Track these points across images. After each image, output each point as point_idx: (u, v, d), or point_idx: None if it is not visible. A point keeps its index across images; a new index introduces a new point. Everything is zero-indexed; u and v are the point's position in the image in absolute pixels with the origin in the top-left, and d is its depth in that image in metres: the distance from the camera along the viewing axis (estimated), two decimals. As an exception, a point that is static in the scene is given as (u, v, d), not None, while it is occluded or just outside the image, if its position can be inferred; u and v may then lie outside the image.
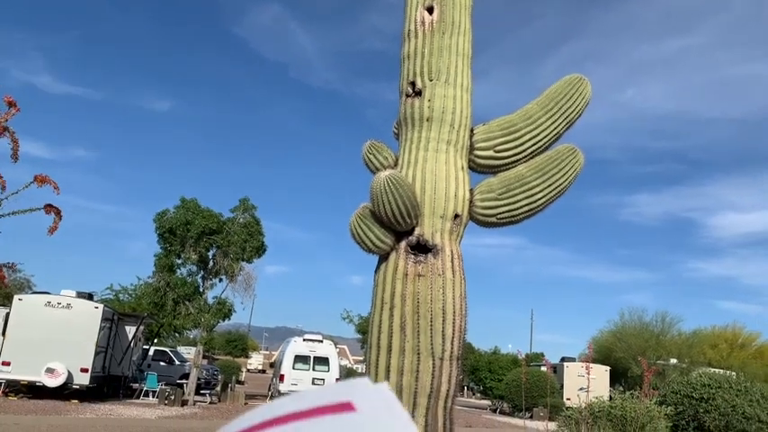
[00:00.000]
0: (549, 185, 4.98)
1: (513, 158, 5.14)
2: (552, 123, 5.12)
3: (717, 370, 21.89)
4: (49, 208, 4.22)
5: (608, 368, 34.21)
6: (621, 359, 39.27)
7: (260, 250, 24.66)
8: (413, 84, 5.18)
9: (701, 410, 10.43)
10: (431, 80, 5.11)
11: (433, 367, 4.51)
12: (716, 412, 10.28)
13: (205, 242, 23.22)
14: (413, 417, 4.47)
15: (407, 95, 5.21)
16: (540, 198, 4.98)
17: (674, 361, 36.28)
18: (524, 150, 5.13)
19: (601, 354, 40.78)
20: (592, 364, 29.66)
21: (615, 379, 35.32)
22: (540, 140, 5.14)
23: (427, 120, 5.05)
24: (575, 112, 5.20)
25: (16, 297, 20.41)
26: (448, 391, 4.61)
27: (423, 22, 5.22)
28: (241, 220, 24.20)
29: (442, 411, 4.59)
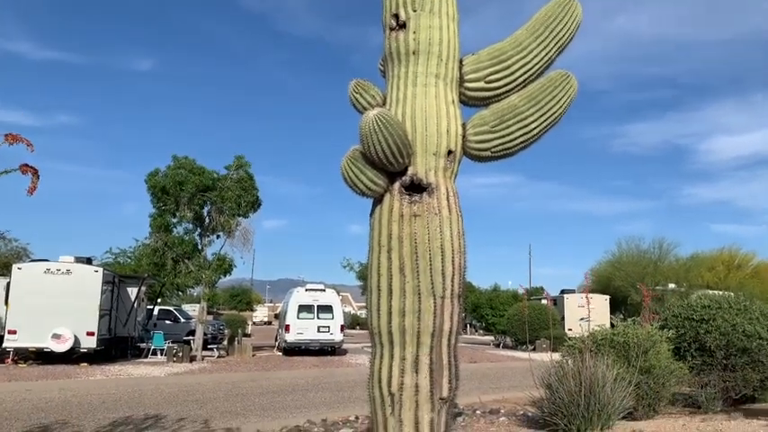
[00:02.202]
0: (543, 114, 4.82)
1: (504, 88, 4.96)
2: (543, 49, 4.92)
3: (715, 292, 22.21)
4: (25, 167, 4.07)
5: (607, 297, 34.73)
6: (620, 287, 39.83)
7: (255, 205, 24.59)
8: (396, 16, 4.95)
9: (702, 331, 10.56)
10: (415, 11, 4.87)
11: (435, 306, 4.47)
12: (717, 332, 10.40)
13: (199, 199, 23.09)
14: (417, 356, 4.44)
15: (391, 29, 4.98)
16: (535, 128, 4.83)
17: (672, 286, 36.83)
18: (516, 79, 4.94)
19: (600, 283, 41.35)
20: (591, 294, 30.09)
21: (615, 307, 35.91)
22: (531, 68, 4.95)
23: (414, 53, 4.85)
24: (566, 35, 4.98)
25: (15, 266, 20.41)
26: (451, 328, 4.57)
27: (403, -50, 4.94)
28: (234, 176, 24.03)
29: (446, 349, 4.57)
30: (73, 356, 19.94)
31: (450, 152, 4.78)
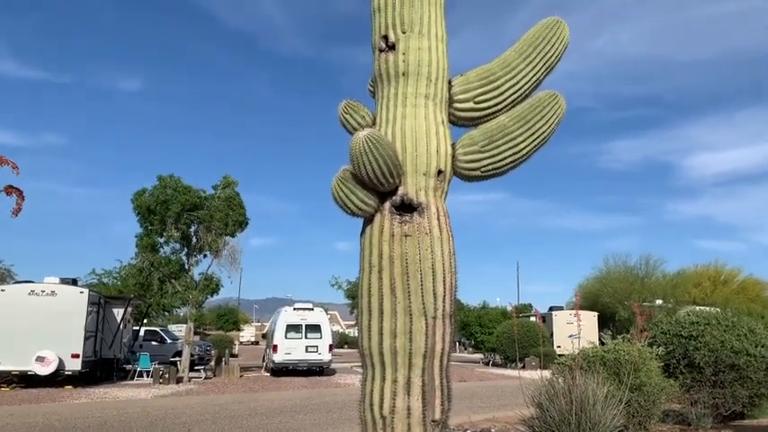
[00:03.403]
0: (533, 134, 4.85)
1: (493, 109, 5.00)
2: (531, 69, 4.97)
3: (702, 307, 22.31)
4: (9, 189, 4.03)
5: (596, 314, 34.79)
6: (608, 304, 39.92)
7: (242, 223, 24.47)
8: (385, 37, 4.98)
9: (691, 348, 10.59)
10: (404, 32, 4.91)
11: (426, 327, 4.45)
12: (705, 349, 10.43)
13: (186, 218, 22.96)
14: (409, 378, 4.41)
15: (381, 50, 5.01)
16: (524, 147, 4.86)
17: (659, 302, 36.96)
18: (505, 100, 4.99)
19: (588, 300, 41.43)
20: (580, 311, 30.15)
21: (603, 324, 35.98)
22: (520, 88, 5.00)
23: (403, 74, 4.88)
24: (554, 56, 5.04)
25: (-2, 288, 20.10)
26: (443, 349, 4.55)
27: (391, -27, 4.99)
28: (222, 195, 23.93)
29: (438, 370, 4.54)
30: (57, 379, 19.59)
31: (440, 172, 4.79)
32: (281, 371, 25.48)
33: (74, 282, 21.90)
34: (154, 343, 27.89)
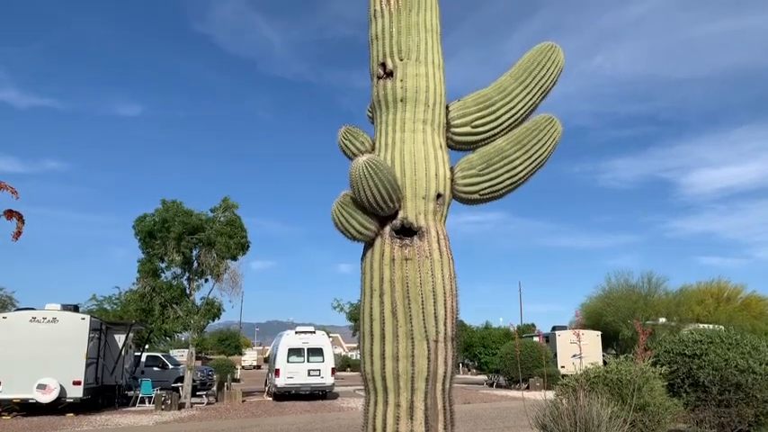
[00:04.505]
0: (530, 157, 4.91)
1: (490, 133, 5.07)
2: (528, 94, 5.05)
3: (705, 325, 22.19)
4: (9, 213, 4.08)
5: (599, 333, 34.60)
6: (611, 323, 39.72)
7: (244, 247, 24.48)
8: (383, 65, 5.07)
9: (695, 367, 10.55)
10: (401, 59, 5.00)
11: (429, 350, 4.46)
12: (709, 367, 10.39)
13: (187, 242, 22.98)
14: (412, 402, 4.42)
15: (379, 77, 5.10)
16: (522, 170, 4.92)
17: (662, 320, 36.80)
18: (501, 124, 5.06)
19: (591, 319, 41.23)
20: (583, 330, 30.01)
21: (607, 343, 35.78)
22: (516, 112, 5.07)
23: (401, 100, 4.95)
24: (549, 81, 5.13)
25: (0, 315, 20.06)
26: (445, 372, 4.56)
27: (388, 1, 5.10)
28: (222, 218, 23.98)
29: (441, 394, 4.54)
30: (59, 407, 19.47)
31: (439, 195, 4.84)
32: (284, 395, 25.31)
33: (75, 308, 21.85)
34: (155, 369, 27.75)
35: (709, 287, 45.43)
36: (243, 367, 57.28)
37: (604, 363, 10.41)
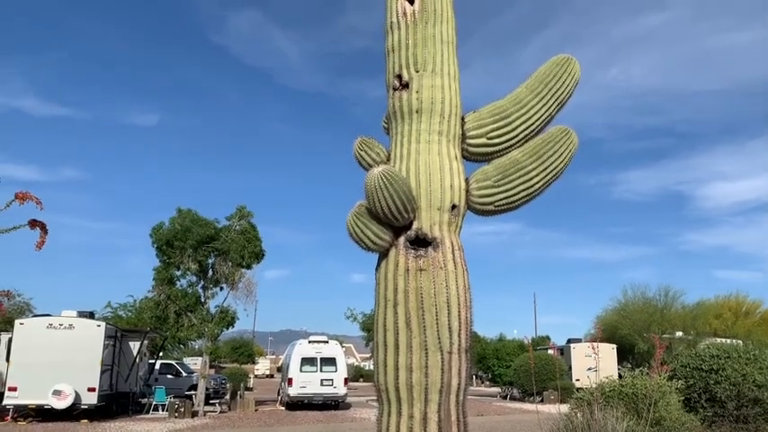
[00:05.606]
0: (546, 169, 4.91)
1: (506, 144, 5.07)
2: (543, 106, 5.06)
3: (723, 340, 21.91)
4: (33, 223, 4.14)
5: (614, 346, 34.22)
6: (627, 336, 39.30)
7: (259, 256, 24.57)
8: (399, 76, 5.10)
9: (712, 382, 10.41)
10: (417, 71, 5.03)
11: (442, 362, 4.45)
12: (726, 382, 10.26)
13: (204, 251, 23.11)
14: (425, 414, 4.41)
15: (395, 89, 5.13)
16: (537, 182, 4.92)
17: (679, 334, 36.33)
18: (517, 135, 5.06)
19: (606, 332, 40.78)
20: (598, 344, 29.71)
21: (622, 356, 35.37)
22: (532, 124, 5.07)
23: (417, 111, 4.98)
24: (565, 92, 5.13)
25: (17, 322, 20.26)
26: (459, 384, 4.55)
27: (404, 13, 5.14)
28: (237, 227, 24.11)
29: (455, 406, 4.53)
30: (74, 413, 19.60)
31: (454, 206, 4.85)
32: (297, 404, 25.28)
33: (91, 315, 22.03)
34: (169, 376, 27.87)
35: (728, 301, 44.86)
36: (256, 376, 57.32)
37: (620, 376, 10.30)
